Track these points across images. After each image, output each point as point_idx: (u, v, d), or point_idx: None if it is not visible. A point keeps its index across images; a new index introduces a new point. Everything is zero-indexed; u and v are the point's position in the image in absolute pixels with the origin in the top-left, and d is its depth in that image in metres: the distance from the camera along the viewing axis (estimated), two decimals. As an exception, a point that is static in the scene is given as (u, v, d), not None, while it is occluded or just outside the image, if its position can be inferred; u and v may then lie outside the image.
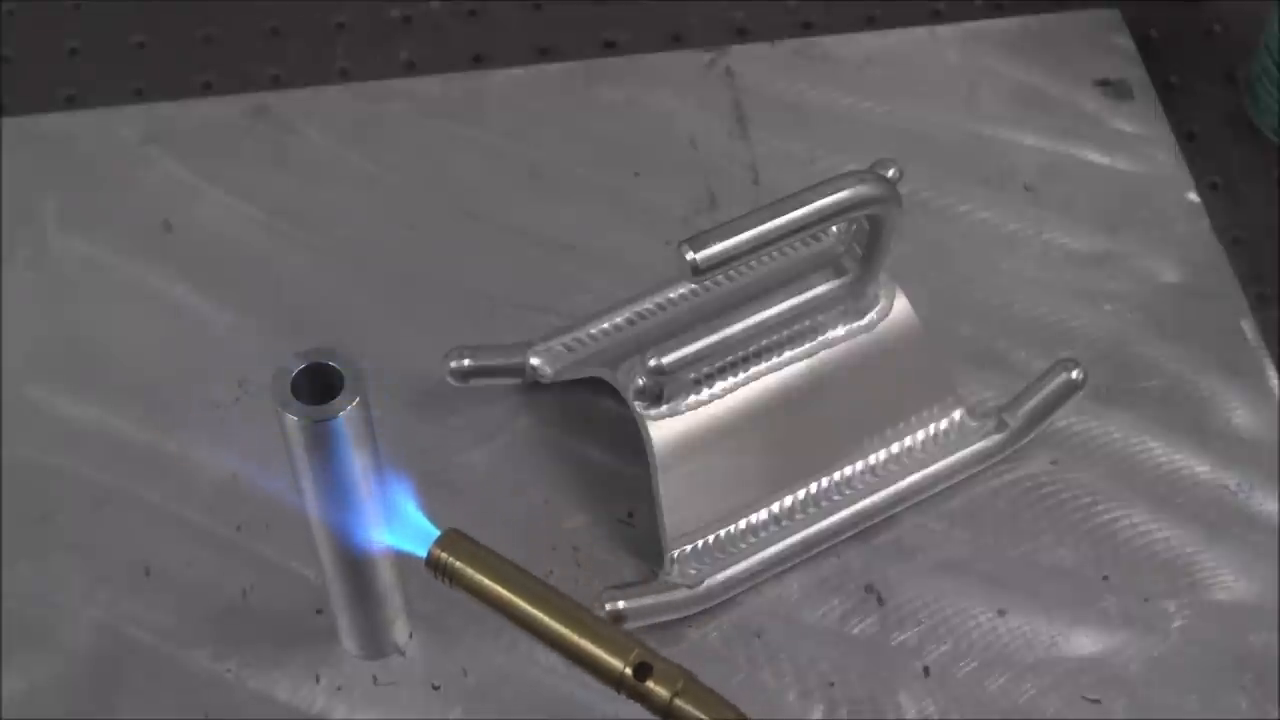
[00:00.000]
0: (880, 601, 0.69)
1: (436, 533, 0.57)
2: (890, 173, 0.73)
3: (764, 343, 0.69)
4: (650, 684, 0.54)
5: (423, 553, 0.57)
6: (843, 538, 0.70)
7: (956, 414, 0.72)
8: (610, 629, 0.56)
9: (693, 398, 0.68)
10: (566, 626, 0.55)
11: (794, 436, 0.70)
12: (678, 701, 0.53)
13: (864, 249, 0.69)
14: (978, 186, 0.82)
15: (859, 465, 0.71)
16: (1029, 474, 0.72)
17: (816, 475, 0.70)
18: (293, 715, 0.66)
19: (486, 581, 0.56)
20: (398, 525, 0.59)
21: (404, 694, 0.67)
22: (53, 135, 0.83)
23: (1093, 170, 0.83)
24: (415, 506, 0.59)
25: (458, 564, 0.56)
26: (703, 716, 0.53)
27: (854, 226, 0.70)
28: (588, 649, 0.55)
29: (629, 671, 0.54)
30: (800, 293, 0.69)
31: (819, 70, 0.86)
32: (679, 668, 0.54)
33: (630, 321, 0.73)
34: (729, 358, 0.69)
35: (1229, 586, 0.70)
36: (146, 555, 0.70)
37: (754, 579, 0.69)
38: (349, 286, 0.78)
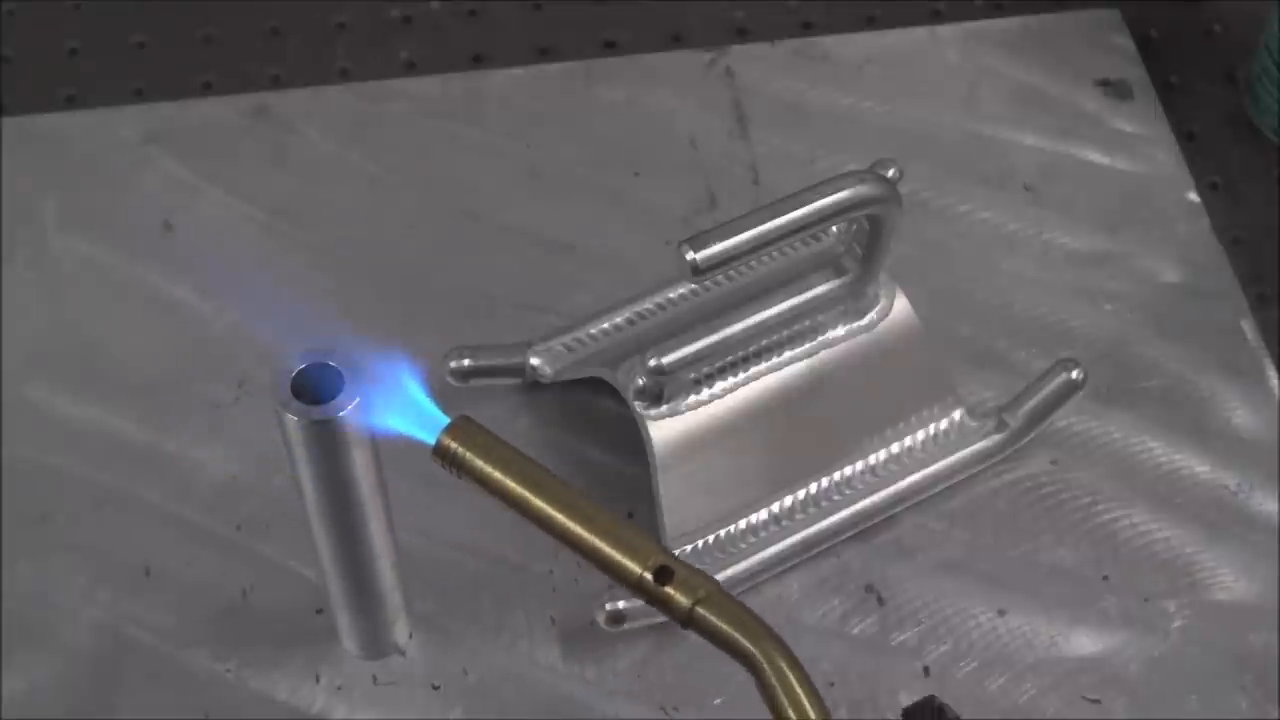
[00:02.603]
0: (880, 601, 0.69)
1: (446, 420, 0.54)
2: (890, 173, 0.73)
3: (764, 343, 0.69)
4: (670, 590, 0.51)
5: (430, 440, 0.54)
6: (843, 538, 0.70)
7: (956, 414, 0.72)
8: (631, 530, 0.53)
9: (693, 398, 0.68)
10: (583, 526, 0.52)
11: (794, 436, 0.70)
12: (699, 610, 0.51)
13: (864, 249, 0.69)
14: (978, 186, 0.82)
15: (859, 465, 0.71)
16: (1029, 474, 0.72)
17: (816, 475, 0.70)
18: (293, 715, 0.66)
19: (497, 474, 0.53)
20: (405, 411, 0.56)
21: (404, 694, 0.67)
22: (53, 135, 0.83)
23: (1093, 170, 0.83)
24: (424, 392, 0.56)
25: (467, 454, 0.53)
26: (724, 626, 0.51)
27: (854, 226, 0.70)
28: (605, 550, 0.52)
29: (648, 575, 0.51)
30: (800, 293, 0.69)
31: (819, 70, 0.86)
32: (703, 575, 0.52)
33: (630, 321, 0.73)
34: (729, 358, 0.69)
35: (1229, 586, 0.70)
36: (146, 555, 0.70)
37: (754, 579, 0.69)
38: (349, 286, 0.78)
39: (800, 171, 0.80)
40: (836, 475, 0.71)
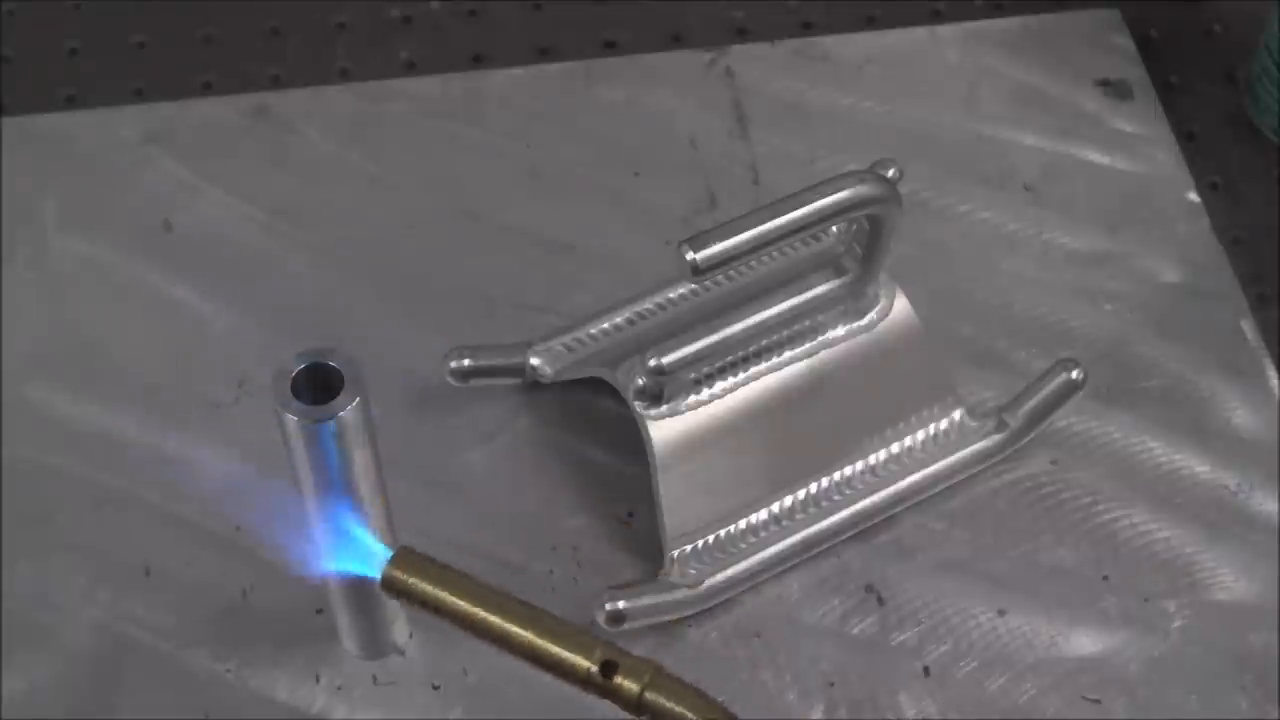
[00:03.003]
0: (880, 601, 0.69)
1: (388, 553, 0.57)
2: (890, 173, 0.73)
3: (764, 343, 0.69)
4: (618, 679, 0.53)
5: (376, 574, 0.57)
6: (843, 538, 0.70)
7: (956, 414, 0.72)
8: (572, 629, 0.55)
9: (693, 398, 0.68)
10: (529, 630, 0.55)
11: (794, 436, 0.70)
12: (648, 695, 0.53)
13: (864, 249, 0.69)
14: (978, 186, 0.82)
15: (859, 465, 0.71)
16: (1029, 474, 0.72)
17: (816, 475, 0.70)
18: (293, 715, 0.66)
19: (445, 595, 0.56)
20: (347, 549, 0.59)
21: (404, 694, 0.67)
22: (53, 135, 0.83)
23: (1093, 170, 0.83)
24: (363, 528, 0.58)
25: (411, 580, 0.56)
26: (674, 707, 0.53)
27: (854, 226, 0.70)
28: (551, 650, 0.54)
29: (594, 669, 0.53)
30: (800, 293, 0.69)
31: (819, 70, 0.86)
32: (647, 661, 0.54)
33: (630, 321, 0.73)
34: (729, 358, 0.69)
35: (1229, 586, 0.70)
36: (146, 555, 0.70)
37: (754, 579, 0.69)
38: (349, 286, 0.78)
39: (800, 171, 0.80)
40: (836, 475, 0.71)
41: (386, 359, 0.73)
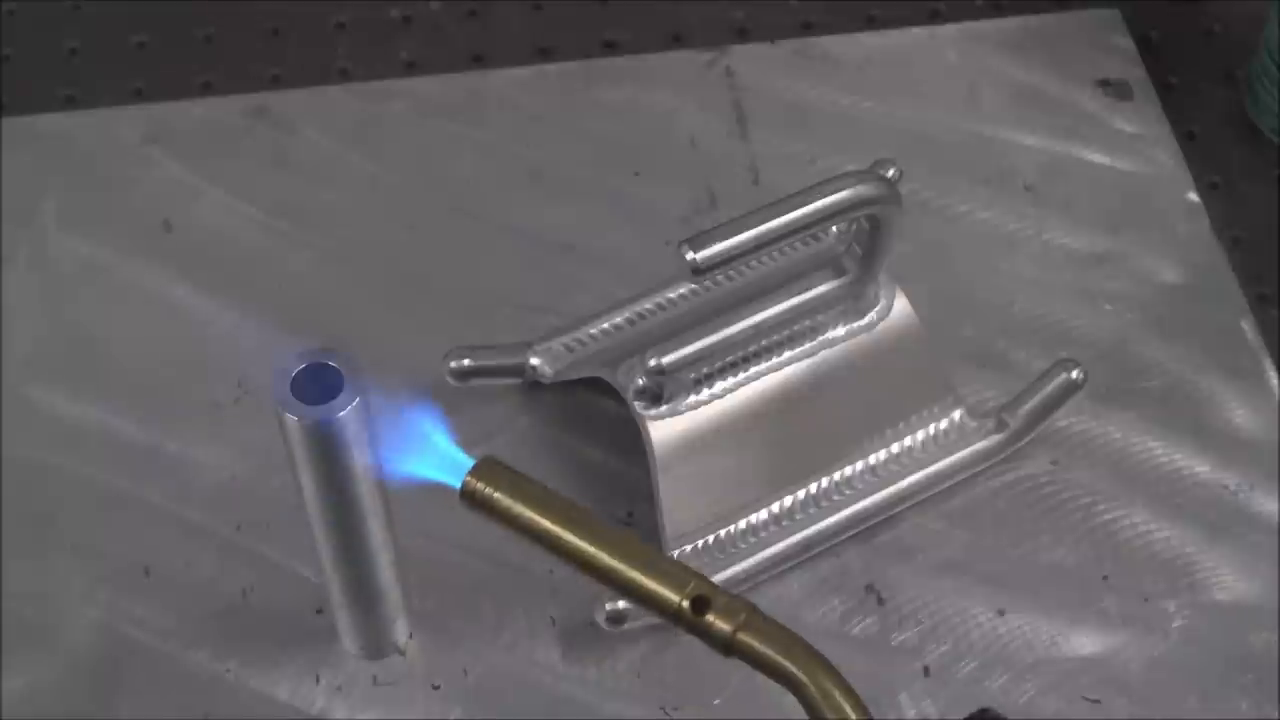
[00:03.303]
0: (880, 601, 0.69)
1: (470, 461, 0.54)
2: (890, 173, 0.73)
3: (764, 343, 0.69)
4: (710, 618, 0.50)
5: (456, 483, 0.54)
6: (843, 538, 0.70)
7: (956, 414, 0.72)
8: (665, 560, 0.52)
9: (693, 398, 0.68)
10: (616, 558, 0.52)
11: (794, 436, 0.70)
12: (741, 636, 0.50)
13: (864, 249, 0.69)
14: (978, 186, 0.82)
15: (859, 465, 0.71)
16: (1029, 474, 0.72)
17: (816, 475, 0.70)
18: (293, 715, 0.66)
19: (526, 512, 0.52)
20: (428, 455, 0.56)
21: (404, 694, 0.67)
22: (53, 135, 0.83)
23: (1093, 170, 0.83)
24: (446, 435, 0.56)
25: (495, 494, 0.53)
26: (768, 651, 0.50)
27: (854, 226, 0.70)
28: (640, 581, 0.51)
29: (685, 604, 0.51)
30: (800, 293, 0.69)
31: (819, 70, 0.86)
32: (742, 600, 0.51)
33: (630, 321, 0.73)
34: (729, 358, 0.69)
35: (1229, 586, 0.70)
36: (146, 555, 0.70)
37: (754, 579, 0.69)
38: (349, 286, 0.78)
39: (800, 171, 0.80)
40: (836, 475, 0.71)
41: (386, 359, 0.73)
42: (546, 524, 0.52)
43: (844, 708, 0.50)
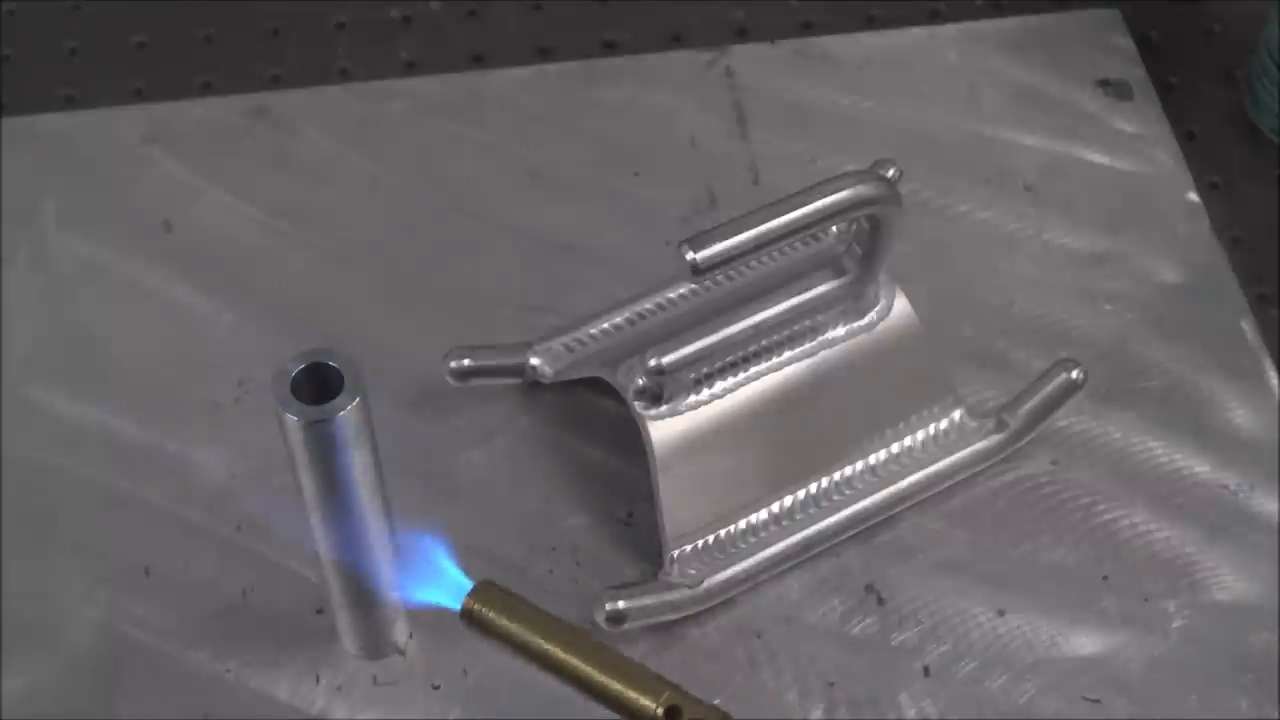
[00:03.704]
0: (880, 601, 0.69)
1: (469, 585, 0.58)
2: (890, 173, 0.73)
3: (764, 343, 0.69)
4: None
5: (456, 606, 0.58)
6: (843, 538, 0.70)
7: (956, 414, 0.72)
8: (644, 673, 0.56)
9: (693, 398, 0.68)
10: (600, 671, 0.56)
11: (794, 436, 0.70)
12: None
13: (864, 249, 0.69)
14: (978, 186, 0.82)
15: (859, 465, 0.71)
16: (1029, 474, 0.72)
17: (816, 475, 0.70)
18: (293, 715, 0.66)
19: (519, 630, 0.57)
20: (430, 578, 0.60)
21: (404, 694, 0.67)
22: (53, 135, 0.83)
23: (1093, 170, 0.83)
24: (449, 560, 0.60)
25: (490, 614, 0.57)
26: None
27: (854, 226, 0.70)
28: (620, 692, 0.55)
29: (660, 712, 0.54)
30: (800, 293, 0.69)
31: (819, 70, 0.86)
32: (713, 708, 0.54)
33: (630, 321, 0.73)
34: (729, 358, 0.69)
35: (1229, 586, 0.70)
36: (146, 555, 0.70)
37: (754, 579, 0.69)
38: (349, 286, 0.78)
39: (800, 171, 0.80)
40: (836, 475, 0.71)
41: (386, 359, 0.73)
42: (538, 641, 0.56)
43: None
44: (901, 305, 0.71)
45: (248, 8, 0.89)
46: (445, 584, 0.59)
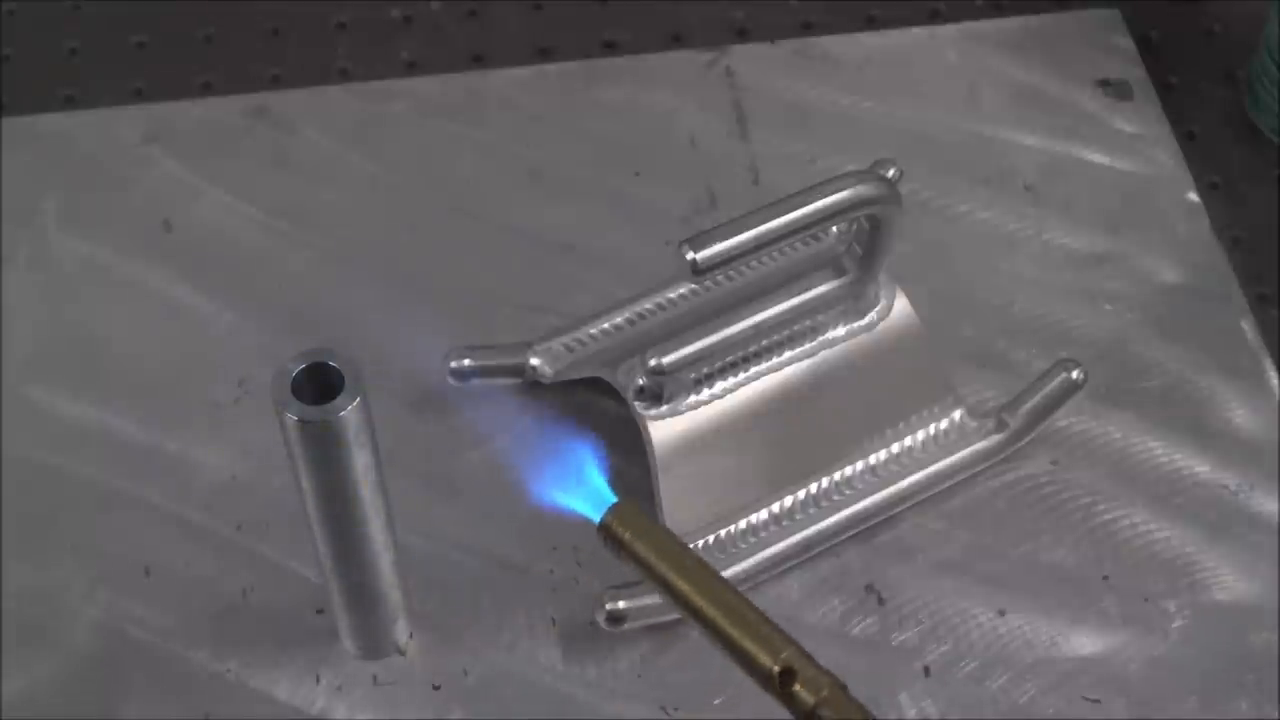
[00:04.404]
0: (880, 601, 0.69)
1: (612, 499, 0.57)
2: (890, 173, 0.73)
3: (764, 343, 0.69)
4: (796, 688, 0.53)
5: (596, 518, 0.57)
6: (843, 538, 0.70)
7: (956, 414, 0.72)
8: (767, 626, 0.55)
9: (693, 398, 0.68)
10: (725, 618, 0.54)
11: (794, 436, 0.70)
12: (820, 711, 0.52)
13: (864, 249, 0.69)
14: (978, 186, 0.82)
15: (859, 465, 0.71)
16: (1029, 474, 0.72)
17: (817, 475, 0.70)
18: (293, 715, 0.66)
19: (652, 559, 0.56)
20: (575, 486, 0.59)
21: (404, 694, 0.67)
22: (53, 135, 0.83)
23: (1093, 170, 0.83)
24: (597, 470, 0.59)
25: (626, 536, 0.56)
26: None
27: (854, 226, 0.70)
28: (740, 644, 0.54)
29: (776, 671, 0.53)
30: (800, 293, 0.69)
31: (819, 70, 0.86)
32: (828, 674, 0.53)
33: (630, 321, 0.73)
34: (729, 358, 0.69)
35: (1229, 586, 0.70)
36: (146, 555, 0.70)
37: (754, 579, 0.69)
38: (349, 286, 0.78)
39: (800, 171, 0.80)
40: (836, 475, 0.71)
41: (386, 359, 0.73)
42: (669, 574, 0.55)
43: None
44: (901, 305, 0.71)
45: (248, 8, 0.89)
46: (588, 495, 0.58)
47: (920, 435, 0.72)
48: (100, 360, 0.75)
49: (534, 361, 0.72)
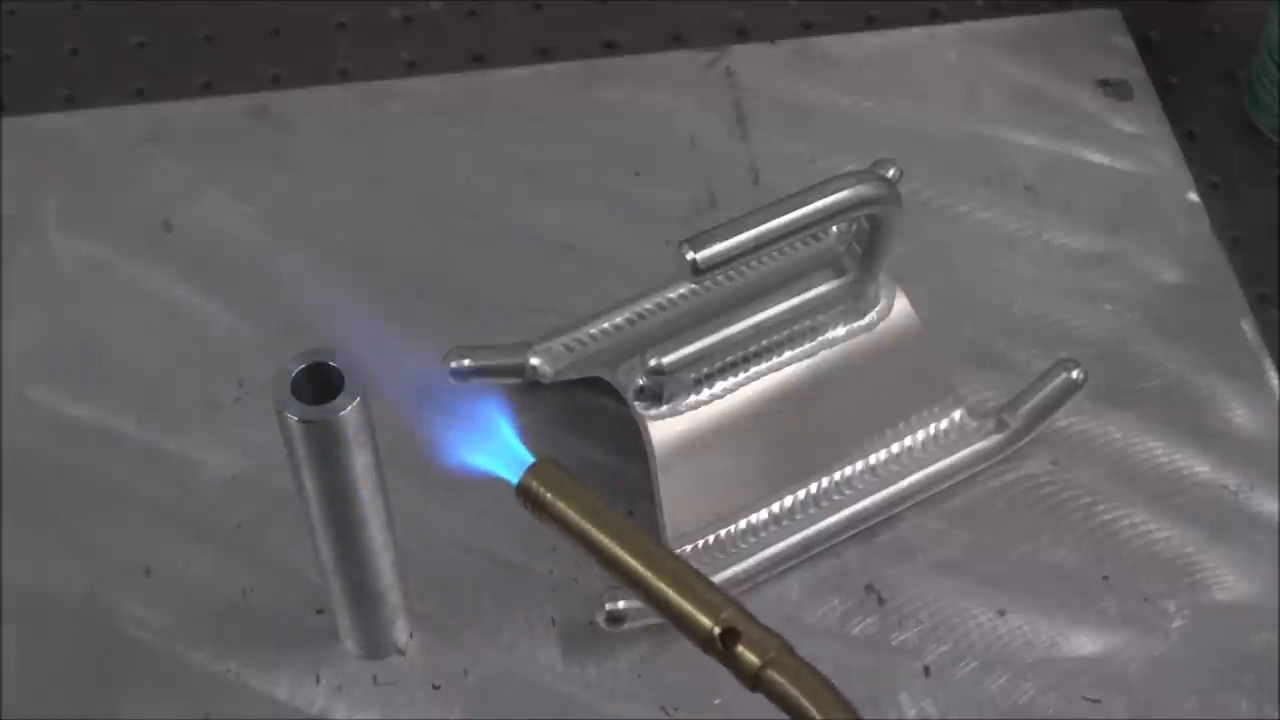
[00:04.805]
0: (880, 601, 0.69)
1: (530, 459, 0.55)
2: (890, 173, 0.73)
3: (764, 343, 0.69)
4: (740, 649, 0.49)
5: (514, 479, 0.54)
6: (843, 538, 0.70)
7: (956, 414, 0.72)
8: (704, 585, 0.51)
9: (693, 398, 0.68)
10: (658, 576, 0.51)
11: (794, 436, 0.70)
12: (766, 673, 0.49)
13: (864, 249, 0.69)
14: (978, 186, 0.82)
15: (859, 465, 0.71)
16: (1029, 474, 0.72)
17: (816, 475, 0.70)
18: (293, 715, 0.66)
19: (574, 516, 0.53)
20: (490, 447, 0.56)
21: (404, 694, 0.67)
22: (53, 135, 0.83)
23: (1093, 170, 0.83)
24: (511, 429, 0.56)
25: (548, 495, 0.53)
26: (792, 692, 0.49)
27: (854, 226, 0.70)
28: (677, 603, 0.51)
29: (716, 632, 0.50)
30: (800, 293, 0.69)
31: (819, 70, 0.86)
32: (774, 636, 0.50)
33: (630, 321, 0.73)
34: (729, 358, 0.69)
35: (1229, 586, 0.70)
36: (146, 555, 0.70)
37: (754, 579, 0.69)
38: (349, 286, 0.77)
39: (800, 171, 0.80)
40: (836, 475, 0.71)
41: (386, 359, 0.73)
42: (593, 531, 0.52)
43: None
44: (901, 305, 0.71)
45: (248, 8, 0.89)
46: (505, 455, 0.55)
47: (920, 435, 0.72)
48: (100, 360, 0.75)
49: (534, 361, 0.72)
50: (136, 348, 0.76)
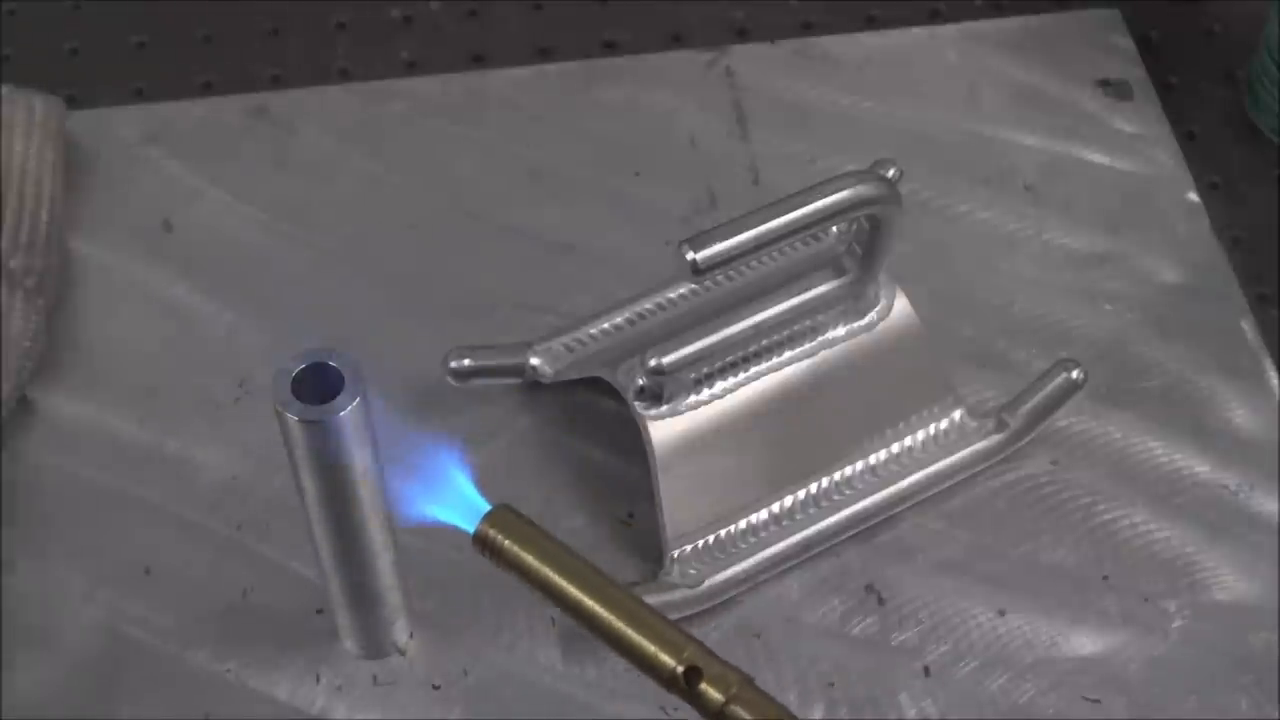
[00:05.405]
0: (880, 601, 0.69)
1: (486, 507, 0.55)
2: (890, 173, 0.73)
3: (764, 343, 0.69)
4: (703, 686, 0.50)
5: (470, 528, 0.54)
6: (843, 538, 0.70)
7: (956, 414, 0.72)
8: (664, 624, 0.52)
9: (693, 398, 0.68)
10: (618, 619, 0.52)
11: (794, 436, 0.70)
12: (731, 708, 0.50)
13: (864, 249, 0.69)
14: (978, 186, 0.82)
15: (859, 465, 0.71)
16: (1029, 474, 0.72)
17: (817, 475, 0.70)
18: (293, 715, 0.66)
19: (532, 562, 0.53)
20: (446, 497, 0.57)
21: (404, 694, 0.67)
22: (53, 135, 0.83)
23: (1093, 170, 0.83)
24: (466, 477, 0.56)
25: (505, 542, 0.53)
26: None
27: (854, 226, 0.70)
28: (639, 645, 0.52)
29: (680, 671, 0.51)
30: (800, 293, 0.69)
31: (819, 70, 0.86)
32: (735, 671, 0.51)
33: (630, 321, 0.73)
34: (729, 358, 0.69)
35: (1229, 586, 0.70)
36: (146, 555, 0.70)
37: (754, 579, 0.69)
38: (349, 286, 0.78)
39: (800, 171, 0.80)
40: (836, 475, 0.71)
41: (386, 359, 0.73)
42: (552, 576, 0.53)
43: None
44: (901, 305, 0.71)
45: (248, 8, 0.89)
46: (461, 504, 0.56)
47: (920, 435, 0.72)
48: (100, 360, 0.75)
49: (534, 361, 0.72)
50: (136, 348, 0.76)
